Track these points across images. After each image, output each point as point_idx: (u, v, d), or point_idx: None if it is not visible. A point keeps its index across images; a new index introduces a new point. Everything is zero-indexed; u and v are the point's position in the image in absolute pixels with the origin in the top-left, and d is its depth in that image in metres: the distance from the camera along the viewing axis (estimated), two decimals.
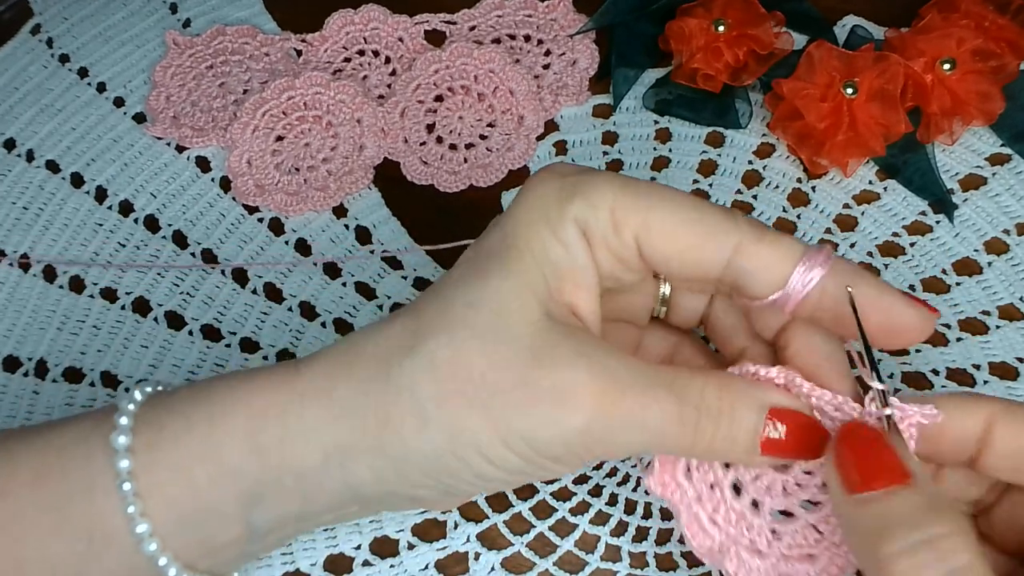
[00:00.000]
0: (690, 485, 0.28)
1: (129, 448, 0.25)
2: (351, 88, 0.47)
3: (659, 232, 0.26)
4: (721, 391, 0.26)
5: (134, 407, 0.26)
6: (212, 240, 0.43)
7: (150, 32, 0.51)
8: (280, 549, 0.34)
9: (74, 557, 0.25)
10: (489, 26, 0.51)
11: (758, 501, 0.27)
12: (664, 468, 0.28)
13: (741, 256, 0.26)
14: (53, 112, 0.48)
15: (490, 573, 0.33)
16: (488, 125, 0.47)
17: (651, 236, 0.26)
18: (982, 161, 0.43)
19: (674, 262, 0.26)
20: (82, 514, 0.25)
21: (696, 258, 0.26)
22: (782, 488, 0.27)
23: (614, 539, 0.34)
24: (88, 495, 0.25)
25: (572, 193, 0.26)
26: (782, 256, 0.26)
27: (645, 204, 0.26)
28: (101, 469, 0.25)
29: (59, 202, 0.44)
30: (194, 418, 0.26)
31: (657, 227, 0.26)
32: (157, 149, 0.46)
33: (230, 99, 0.48)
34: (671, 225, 0.26)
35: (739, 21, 0.45)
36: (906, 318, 0.26)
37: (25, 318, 0.41)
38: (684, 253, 0.26)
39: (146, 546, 0.25)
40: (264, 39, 0.50)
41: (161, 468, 0.25)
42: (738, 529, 0.27)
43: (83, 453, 0.26)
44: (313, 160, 0.45)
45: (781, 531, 0.27)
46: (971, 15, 0.43)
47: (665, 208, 0.26)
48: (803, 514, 0.27)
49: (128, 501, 0.25)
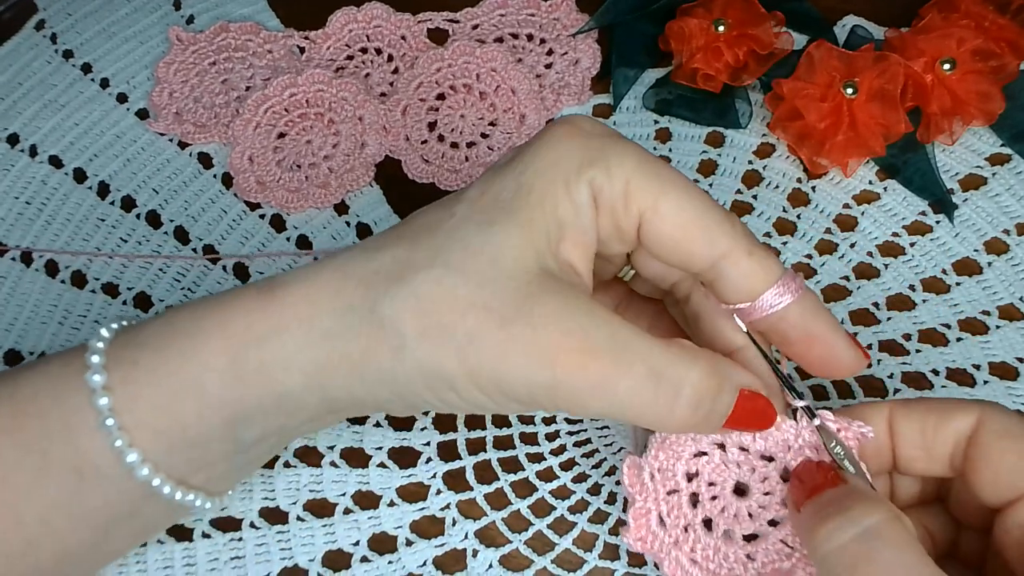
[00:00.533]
0: (665, 533, 0.29)
1: (105, 386, 0.25)
2: (353, 86, 0.47)
3: (665, 217, 0.26)
4: (709, 377, 0.26)
5: (103, 344, 0.26)
6: (214, 236, 0.43)
7: (154, 28, 0.51)
8: (278, 544, 0.34)
9: (66, 493, 0.26)
10: (492, 25, 0.51)
11: (729, 531, 0.29)
12: (638, 523, 0.29)
13: (727, 261, 0.27)
14: (56, 108, 0.48)
15: (488, 570, 0.33)
16: (490, 124, 0.47)
17: (656, 218, 0.26)
18: (982, 161, 0.43)
19: (667, 247, 0.27)
20: (66, 453, 0.26)
21: (688, 250, 0.27)
22: (747, 514, 0.29)
23: (612, 537, 0.34)
24: (68, 436, 0.25)
25: (593, 158, 0.26)
26: (763, 274, 0.27)
27: (658, 186, 0.26)
28: (77, 407, 0.25)
29: (62, 197, 0.45)
30: (168, 351, 0.26)
31: (664, 211, 0.26)
32: (160, 145, 0.46)
33: (233, 96, 0.48)
34: (677, 213, 0.26)
35: (739, 21, 0.45)
36: (844, 357, 0.28)
37: (27, 313, 0.41)
38: (679, 243, 0.27)
39: (138, 472, 0.26)
40: (267, 36, 0.50)
41: (143, 404, 0.26)
42: (716, 562, 0.29)
43: (57, 393, 0.26)
44: (315, 157, 0.45)
45: (753, 552, 0.29)
46: (971, 15, 0.43)
47: (676, 195, 0.26)
48: (771, 532, 0.29)
49: (114, 436, 0.25)
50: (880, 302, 0.39)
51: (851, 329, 0.39)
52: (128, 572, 0.33)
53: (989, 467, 0.26)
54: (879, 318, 0.39)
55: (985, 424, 0.27)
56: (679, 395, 0.25)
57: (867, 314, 0.39)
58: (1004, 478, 0.26)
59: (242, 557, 0.34)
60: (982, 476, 0.26)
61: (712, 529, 0.29)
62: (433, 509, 0.35)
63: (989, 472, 0.26)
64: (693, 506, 0.29)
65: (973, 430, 0.27)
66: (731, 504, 0.29)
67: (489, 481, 0.35)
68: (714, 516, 0.29)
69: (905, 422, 0.28)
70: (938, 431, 0.27)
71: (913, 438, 0.28)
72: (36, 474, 0.26)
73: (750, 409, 0.27)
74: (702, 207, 0.27)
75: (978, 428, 0.27)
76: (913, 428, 0.28)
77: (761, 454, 0.29)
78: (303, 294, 0.26)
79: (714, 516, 0.29)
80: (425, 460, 0.36)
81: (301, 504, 0.35)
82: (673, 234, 0.27)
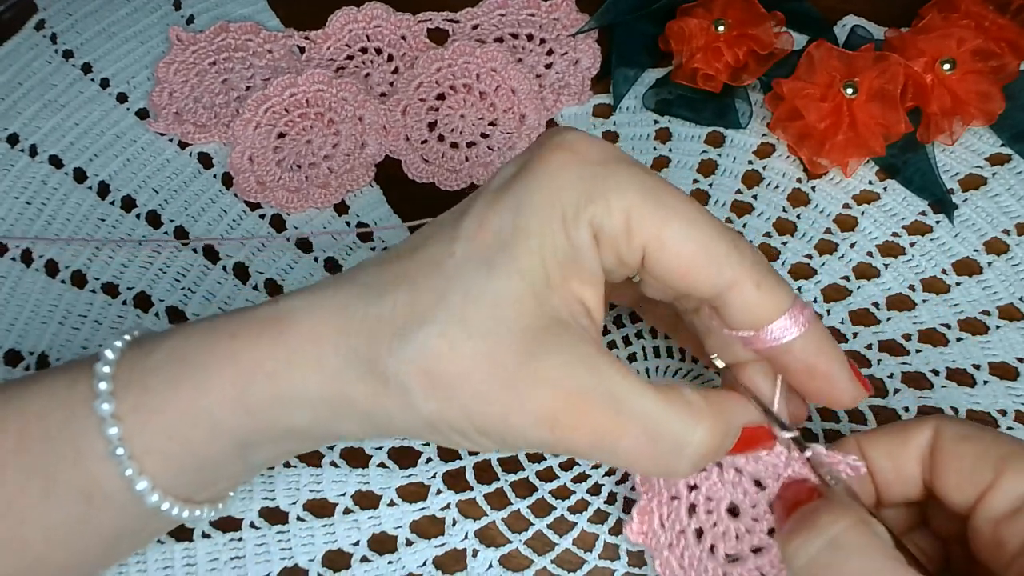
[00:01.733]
0: (663, 533, 0.31)
1: (115, 415, 0.25)
2: (353, 85, 0.47)
3: (668, 249, 0.26)
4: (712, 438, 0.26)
5: (109, 368, 0.26)
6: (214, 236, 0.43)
7: (154, 28, 0.51)
8: (278, 544, 0.34)
9: (73, 517, 0.26)
10: (492, 25, 0.51)
11: (715, 546, 0.30)
12: (641, 519, 0.31)
13: (733, 292, 0.26)
14: (56, 107, 0.48)
15: (488, 570, 0.33)
16: (490, 124, 0.47)
17: (659, 250, 0.26)
18: (982, 161, 0.43)
19: (671, 278, 0.26)
20: (74, 477, 0.25)
21: (694, 279, 0.26)
22: (735, 535, 0.30)
23: (612, 537, 0.34)
24: (77, 460, 0.25)
25: (592, 193, 0.25)
26: (770, 306, 0.27)
27: (662, 217, 0.25)
28: (85, 432, 0.25)
29: (62, 197, 0.45)
30: (179, 381, 0.26)
31: (668, 243, 0.26)
32: (160, 145, 0.46)
33: (233, 96, 0.48)
34: (682, 244, 0.26)
35: (739, 21, 0.45)
36: (844, 393, 0.28)
37: (27, 312, 0.41)
38: (684, 275, 0.26)
39: (148, 498, 0.26)
40: (267, 36, 0.50)
41: (153, 432, 0.26)
42: (698, 572, 0.30)
43: (65, 416, 0.26)
44: (315, 157, 0.45)
45: (730, 573, 0.30)
46: (971, 15, 0.43)
47: (680, 225, 0.26)
48: (750, 557, 0.30)
49: (124, 465, 0.25)
50: (880, 302, 0.39)
51: (851, 329, 0.39)
52: (128, 572, 0.33)
53: (950, 471, 0.27)
54: (879, 318, 0.39)
55: (941, 433, 0.27)
56: (682, 455, 0.26)
57: (867, 314, 0.39)
58: (966, 478, 0.26)
59: (242, 557, 0.34)
60: (947, 482, 0.27)
61: (701, 540, 0.30)
62: (433, 509, 0.35)
63: (952, 476, 0.27)
64: (690, 515, 0.31)
65: (932, 442, 0.27)
66: (723, 521, 0.30)
67: (489, 481, 0.35)
68: (706, 528, 0.30)
69: (873, 450, 0.28)
70: (903, 451, 0.28)
71: (883, 464, 0.28)
72: (42, 497, 0.25)
73: (748, 438, 0.28)
74: (708, 236, 0.26)
75: (936, 438, 0.27)
76: (881, 454, 0.28)
77: (753, 478, 0.30)
78: (308, 329, 0.26)
79: (706, 528, 0.30)
80: (425, 460, 0.36)
81: (301, 504, 0.35)
82: (678, 266, 0.26)
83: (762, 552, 0.29)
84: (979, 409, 0.36)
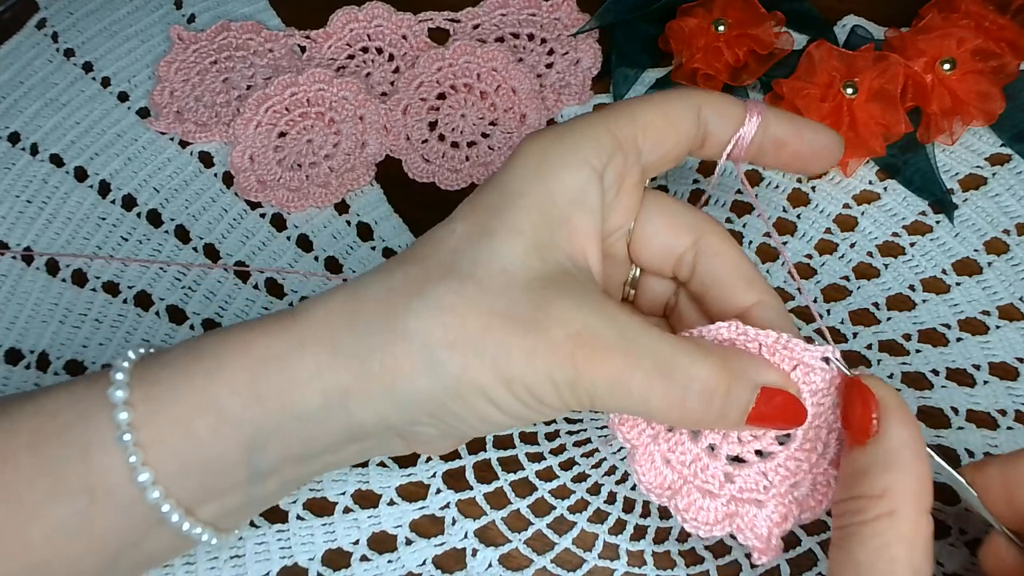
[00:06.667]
0: (648, 425, 0.29)
1: (127, 401, 0.26)
2: (354, 85, 0.47)
3: (652, 136, 0.29)
4: (718, 374, 0.26)
5: (128, 364, 0.27)
6: (214, 235, 0.43)
7: (155, 27, 0.51)
8: (278, 543, 0.34)
9: (75, 516, 0.26)
10: (493, 24, 0.51)
11: (714, 445, 0.29)
12: (630, 425, 0.29)
13: (706, 109, 0.30)
14: (58, 106, 0.48)
15: (487, 570, 0.33)
16: (490, 123, 0.47)
17: (645, 137, 0.29)
18: (982, 161, 0.43)
19: (655, 153, 0.29)
20: (80, 473, 0.26)
21: (674, 144, 0.30)
22: (737, 438, 0.29)
23: (612, 537, 0.34)
24: (85, 454, 0.26)
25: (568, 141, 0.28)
26: (732, 105, 0.30)
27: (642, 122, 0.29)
28: (97, 426, 0.26)
29: (62, 196, 0.45)
30: (191, 370, 0.26)
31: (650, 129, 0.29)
32: (160, 144, 0.47)
33: (233, 95, 0.48)
34: (661, 123, 0.29)
35: (739, 21, 0.45)
36: (820, 141, 0.31)
37: (27, 311, 0.41)
38: (666, 144, 0.29)
39: (149, 494, 0.26)
40: (268, 35, 0.50)
41: (161, 420, 0.26)
42: (692, 470, 0.28)
43: (78, 413, 0.26)
44: (315, 156, 0.46)
45: (733, 475, 0.28)
46: (971, 15, 0.43)
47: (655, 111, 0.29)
48: (756, 461, 0.28)
49: (129, 451, 0.25)
50: (880, 302, 0.39)
51: (851, 329, 0.39)
52: None
53: None
54: (879, 318, 0.39)
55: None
56: (688, 391, 0.26)
57: (867, 314, 0.39)
58: None
59: (242, 556, 0.34)
60: None
61: (698, 437, 0.29)
62: (433, 508, 0.35)
63: None
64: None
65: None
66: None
67: (489, 480, 0.35)
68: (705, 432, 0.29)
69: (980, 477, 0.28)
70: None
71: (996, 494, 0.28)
72: (48, 495, 0.25)
73: (773, 406, 0.27)
74: (668, 103, 0.30)
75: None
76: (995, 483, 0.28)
77: None
78: (322, 318, 0.26)
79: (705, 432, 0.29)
80: (425, 459, 0.36)
81: (301, 503, 0.35)
82: (661, 135, 0.29)
83: (769, 458, 0.28)
84: (979, 409, 0.36)
